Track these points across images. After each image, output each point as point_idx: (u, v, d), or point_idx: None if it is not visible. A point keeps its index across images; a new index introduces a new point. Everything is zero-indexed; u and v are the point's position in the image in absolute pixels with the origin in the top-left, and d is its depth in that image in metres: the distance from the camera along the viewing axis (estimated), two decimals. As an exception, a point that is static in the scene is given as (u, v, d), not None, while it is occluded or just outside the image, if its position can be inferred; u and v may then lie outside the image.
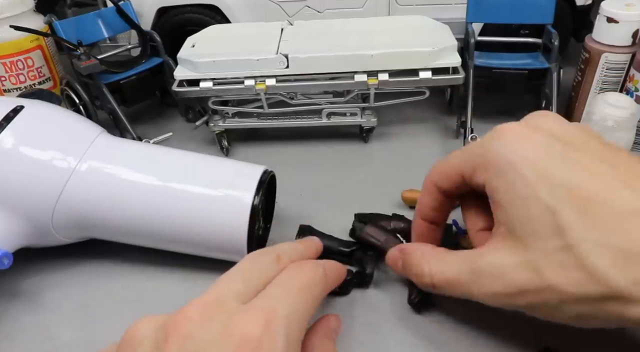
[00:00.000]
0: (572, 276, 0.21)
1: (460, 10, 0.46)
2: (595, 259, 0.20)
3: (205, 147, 0.46)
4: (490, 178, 0.24)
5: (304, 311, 0.23)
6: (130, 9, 0.48)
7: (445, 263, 0.26)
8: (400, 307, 0.30)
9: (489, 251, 0.24)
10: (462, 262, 0.25)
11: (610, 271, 0.20)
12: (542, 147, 0.23)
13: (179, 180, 0.31)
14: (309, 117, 0.44)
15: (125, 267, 0.34)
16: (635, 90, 0.39)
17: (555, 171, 0.22)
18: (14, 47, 0.47)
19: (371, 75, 0.41)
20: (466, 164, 0.26)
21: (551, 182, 0.22)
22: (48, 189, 0.30)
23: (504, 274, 0.23)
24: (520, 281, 0.22)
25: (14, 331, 0.30)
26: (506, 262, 0.23)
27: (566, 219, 0.21)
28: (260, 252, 0.26)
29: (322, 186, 0.39)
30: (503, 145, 0.24)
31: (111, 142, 0.33)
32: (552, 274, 0.21)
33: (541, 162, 0.22)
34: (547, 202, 0.21)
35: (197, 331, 0.20)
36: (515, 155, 0.23)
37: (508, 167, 0.23)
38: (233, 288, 0.22)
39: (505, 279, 0.22)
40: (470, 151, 0.26)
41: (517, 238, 0.22)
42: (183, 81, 0.42)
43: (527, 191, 0.22)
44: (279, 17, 0.51)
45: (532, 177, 0.22)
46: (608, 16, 0.39)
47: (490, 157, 0.24)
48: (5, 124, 0.30)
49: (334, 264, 0.28)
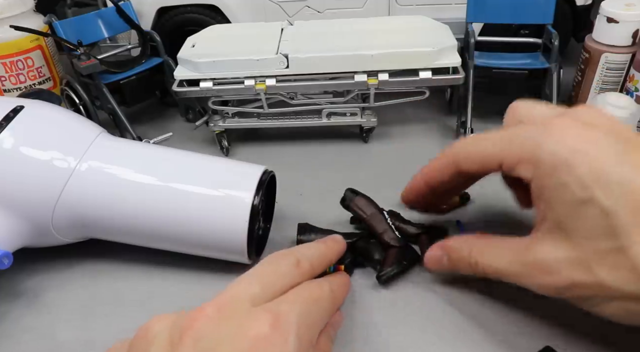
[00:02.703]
0: (623, 276, 0.21)
1: (460, 10, 0.46)
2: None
3: (205, 147, 0.46)
4: (539, 176, 0.24)
5: (314, 320, 0.23)
6: (130, 9, 0.48)
7: (495, 255, 0.26)
8: (400, 307, 0.30)
9: (538, 244, 0.24)
10: (513, 253, 0.25)
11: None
12: (596, 144, 0.22)
13: (179, 180, 0.31)
14: (309, 117, 0.44)
15: (126, 267, 0.34)
16: (635, 90, 0.39)
17: (611, 170, 0.22)
18: (14, 47, 0.47)
19: (371, 75, 0.41)
20: (509, 155, 0.25)
21: (608, 181, 0.21)
22: (48, 189, 0.30)
23: (555, 270, 0.23)
24: (571, 277, 0.22)
25: (14, 331, 0.30)
26: (557, 257, 0.23)
27: (621, 221, 0.21)
28: (280, 255, 0.26)
29: (322, 185, 0.39)
30: (556, 143, 0.23)
31: (111, 142, 0.33)
32: (603, 273, 0.21)
33: (597, 161, 0.22)
34: (603, 204, 0.21)
35: (211, 330, 0.20)
36: (570, 155, 0.22)
37: (562, 166, 0.22)
38: (249, 291, 0.23)
39: (557, 275, 0.23)
40: (516, 142, 0.25)
41: (567, 235, 0.23)
42: (183, 81, 0.42)
43: (583, 193, 0.22)
44: (279, 17, 0.51)
45: (588, 177, 0.22)
46: (608, 16, 0.39)
47: (543, 154, 0.23)
48: (5, 124, 0.30)
49: (340, 279, 0.28)
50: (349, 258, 0.31)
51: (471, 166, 0.27)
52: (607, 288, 0.22)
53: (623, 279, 0.21)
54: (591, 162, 0.22)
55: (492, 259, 0.26)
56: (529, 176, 0.24)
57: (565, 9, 0.49)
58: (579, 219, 0.22)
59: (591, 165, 0.22)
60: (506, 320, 0.28)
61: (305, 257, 0.26)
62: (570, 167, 0.22)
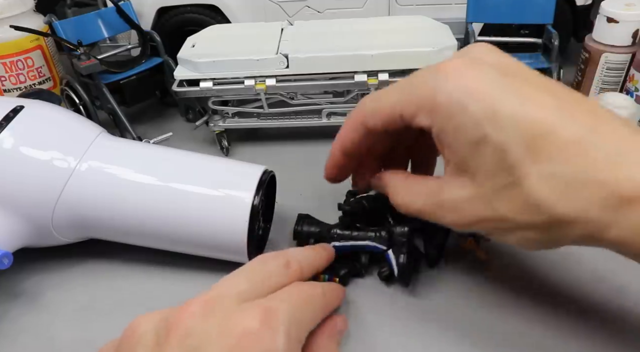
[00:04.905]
0: (519, 208, 0.22)
1: (460, 10, 0.46)
2: (537, 190, 0.21)
3: (205, 147, 0.46)
4: (437, 119, 0.23)
5: (304, 318, 0.23)
6: (130, 9, 0.48)
7: (413, 195, 0.27)
8: (400, 307, 0.30)
9: (447, 185, 0.25)
10: (427, 194, 0.26)
11: (551, 199, 0.21)
12: (486, 82, 0.22)
13: (179, 180, 0.31)
14: (309, 117, 0.44)
15: (125, 267, 0.34)
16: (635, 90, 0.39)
17: (502, 106, 0.22)
18: (14, 47, 0.47)
19: (371, 75, 0.41)
20: (408, 104, 0.25)
21: (499, 118, 0.22)
22: (48, 189, 0.30)
23: (461, 208, 0.24)
24: (475, 213, 0.24)
25: (14, 331, 0.30)
26: (462, 197, 0.24)
27: (514, 156, 0.21)
28: (270, 255, 0.26)
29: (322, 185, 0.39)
30: (448, 85, 0.23)
31: (111, 142, 0.33)
32: (502, 207, 0.22)
33: (489, 99, 0.22)
34: (496, 141, 0.22)
35: (198, 327, 0.20)
36: (462, 95, 0.22)
37: (457, 109, 0.22)
38: (236, 287, 0.23)
39: (463, 212, 0.24)
40: (412, 92, 0.25)
41: (470, 176, 0.23)
42: (183, 81, 0.42)
43: (477, 133, 0.22)
44: (279, 17, 0.51)
45: (480, 116, 0.22)
46: (608, 16, 0.39)
47: (439, 99, 0.23)
48: (5, 124, 0.30)
49: (332, 285, 0.28)
50: (345, 270, 0.30)
51: (376, 122, 0.27)
52: (506, 220, 0.22)
53: (517, 210, 0.22)
54: (482, 100, 0.22)
55: (411, 198, 0.27)
56: (427, 123, 0.24)
57: (565, 9, 0.49)
58: (476, 158, 0.23)
59: (483, 103, 0.22)
60: (507, 321, 0.28)
61: (295, 259, 0.26)
62: (464, 107, 0.22)
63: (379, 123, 0.26)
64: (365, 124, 0.27)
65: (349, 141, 0.29)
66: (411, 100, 0.25)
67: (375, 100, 0.27)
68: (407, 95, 0.25)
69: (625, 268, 0.31)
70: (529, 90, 0.22)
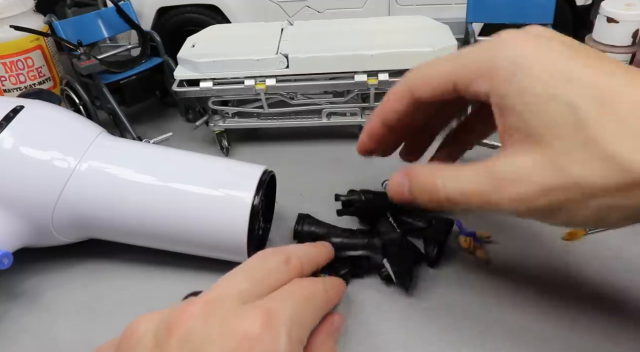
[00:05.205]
0: (596, 168, 0.20)
1: (460, 10, 0.46)
2: (617, 146, 0.20)
3: (205, 147, 0.46)
4: (498, 84, 0.23)
5: (306, 318, 0.23)
6: (130, 9, 0.48)
7: (459, 175, 0.24)
8: (400, 307, 0.30)
9: (507, 158, 0.23)
10: (479, 172, 0.23)
11: (633, 156, 0.19)
12: (551, 48, 0.22)
13: (179, 180, 0.31)
14: (309, 117, 0.44)
15: (126, 267, 0.34)
16: (635, 90, 0.39)
17: (568, 68, 0.21)
18: (14, 47, 0.47)
19: (371, 75, 0.41)
20: (463, 71, 0.24)
21: (568, 77, 0.21)
22: (48, 189, 0.30)
23: (526, 176, 0.22)
24: (544, 180, 0.21)
25: (14, 331, 0.30)
26: (528, 164, 0.22)
27: (587, 114, 0.20)
28: (270, 252, 0.26)
29: (322, 185, 0.39)
30: (511, 49, 0.22)
31: (111, 142, 0.33)
32: (576, 169, 0.20)
33: (554, 62, 0.22)
34: (567, 98, 0.21)
35: (198, 329, 0.20)
36: (527, 59, 0.22)
37: (521, 70, 0.22)
38: (236, 287, 0.22)
39: (528, 181, 0.22)
40: (468, 58, 0.24)
41: (536, 141, 0.22)
42: (183, 81, 0.42)
43: (546, 90, 0.21)
44: (279, 17, 0.51)
45: (548, 76, 0.21)
46: (608, 16, 0.39)
47: (499, 62, 0.22)
48: (5, 124, 0.30)
49: (333, 281, 0.28)
50: (345, 269, 0.30)
51: (425, 91, 0.25)
52: (580, 186, 0.21)
53: (595, 171, 0.20)
54: (549, 63, 0.22)
55: (458, 179, 0.24)
56: (486, 89, 0.23)
57: (565, 9, 0.49)
58: (544, 118, 0.21)
59: (549, 66, 0.21)
60: (507, 320, 0.28)
61: (296, 255, 0.26)
62: (529, 68, 0.22)
63: (428, 92, 0.25)
64: (413, 92, 0.26)
65: (392, 111, 0.27)
66: (468, 67, 0.24)
67: (426, 68, 0.26)
68: (462, 62, 0.24)
69: (626, 269, 0.31)
70: (591, 58, 0.22)
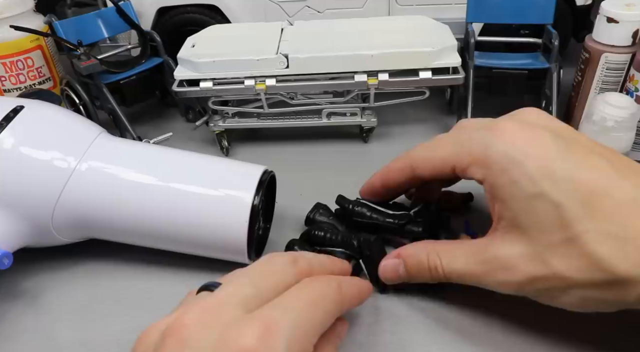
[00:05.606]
0: (577, 265, 0.22)
1: (460, 10, 0.46)
2: (597, 247, 0.21)
3: (205, 147, 0.46)
4: (491, 175, 0.24)
5: (312, 325, 0.22)
6: (130, 9, 0.48)
7: (455, 257, 0.26)
8: (400, 307, 0.30)
9: (495, 243, 0.25)
10: (471, 254, 0.26)
11: (612, 257, 0.21)
12: (542, 143, 0.24)
13: (179, 180, 0.31)
14: (309, 117, 0.44)
15: (126, 267, 0.34)
16: (635, 90, 0.39)
17: (557, 166, 0.23)
18: (14, 47, 0.47)
19: (371, 75, 0.41)
20: (460, 158, 0.26)
21: (555, 176, 0.22)
22: (48, 189, 0.30)
23: (513, 265, 0.24)
24: (529, 271, 0.23)
25: (14, 332, 0.30)
26: (514, 253, 0.24)
27: (570, 213, 0.22)
28: (277, 254, 0.25)
29: (322, 186, 0.39)
30: (504, 143, 0.24)
31: (111, 142, 0.33)
32: (558, 264, 0.22)
33: (543, 159, 0.23)
34: (553, 198, 0.22)
35: (193, 338, 0.20)
36: (519, 153, 0.23)
37: (512, 165, 0.23)
38: (240, 293, 0.22)
39: (514, 270, 0.24)
40: (465, 145, 0.26)
41: (523, 231, 0.23)
42: (183, 81, 0.42)
43: (533, 188, 0.23)
44: (279, 17, 0.51)
45: (536, 173, 0.23)
46: (608, 16, 0.39)
47: (493, 155, 0.24)
48: (5, 124, 0.30)
49: (353, 280, 0.27)
50: (354, 262, 0.30)
51: (425, 170, 0.29)
52: (562, 278, 0.22)
53: (575, 268, 0.22)
54: (538, 159, 0.23)
55: (452, 260, 0.26)
56: (480, 176, 0.25)
57: (565, 9, 0.49)
58: (531, 213, 0.23)
59: (538, 162, 0.23)
60: (507, 320, 0.28)
61: (304, 258, 0.25)
62: (519, 164, 0.23)
63: (428, 171, 0.29)
64: (414, 170, 0.29)
65: (393, 180, 0.31)
66: (465, 155, 0.26)
67: (428, 150, 0.29)
68: (459, 149, 0.26)
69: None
70: (582, 153, 0.23)
